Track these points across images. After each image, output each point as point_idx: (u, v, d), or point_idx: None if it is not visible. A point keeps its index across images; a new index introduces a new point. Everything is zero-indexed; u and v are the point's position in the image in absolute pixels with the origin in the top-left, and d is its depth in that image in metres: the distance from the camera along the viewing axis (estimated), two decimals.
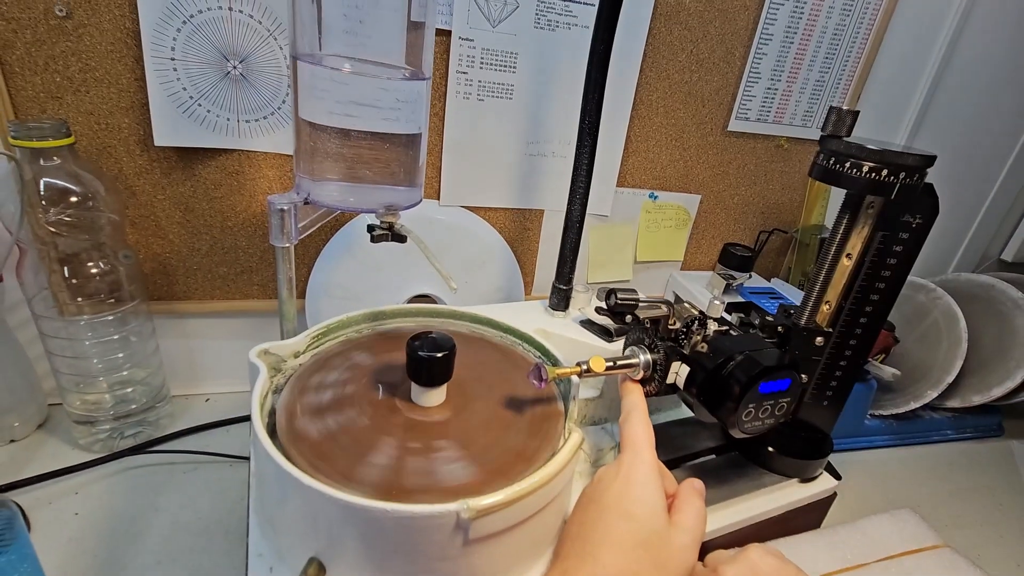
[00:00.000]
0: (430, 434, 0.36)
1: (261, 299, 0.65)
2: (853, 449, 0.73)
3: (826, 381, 0.48)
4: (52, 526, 0.49)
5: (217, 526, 0.51)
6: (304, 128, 0.42)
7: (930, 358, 0.76)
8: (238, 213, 0.60)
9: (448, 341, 0.36)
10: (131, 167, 0.55)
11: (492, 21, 0.59)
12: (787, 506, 0.47)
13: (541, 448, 0.36)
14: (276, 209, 0.40)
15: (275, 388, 0.39)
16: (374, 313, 0.47)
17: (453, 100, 0.62)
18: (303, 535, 0.32)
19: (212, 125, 0.54)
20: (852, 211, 0.42)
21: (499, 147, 0.66)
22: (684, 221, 0.78)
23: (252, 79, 0.54)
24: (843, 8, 0.70)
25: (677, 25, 0.66)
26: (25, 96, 0.50)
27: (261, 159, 0.58)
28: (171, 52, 0.51)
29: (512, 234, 0.71)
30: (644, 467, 0.33)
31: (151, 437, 0.60)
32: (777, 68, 0.72)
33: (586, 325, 0.53)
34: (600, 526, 0.31)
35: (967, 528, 0.63)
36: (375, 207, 0.44)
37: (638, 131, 0.70)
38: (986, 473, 0.73)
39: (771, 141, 0.77)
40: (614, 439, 0.50)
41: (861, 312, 0.45)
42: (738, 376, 0.38)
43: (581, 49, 0.63)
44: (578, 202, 0.50)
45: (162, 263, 0.60)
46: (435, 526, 0.29)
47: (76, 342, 0.53)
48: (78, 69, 0.50)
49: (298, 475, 0.29)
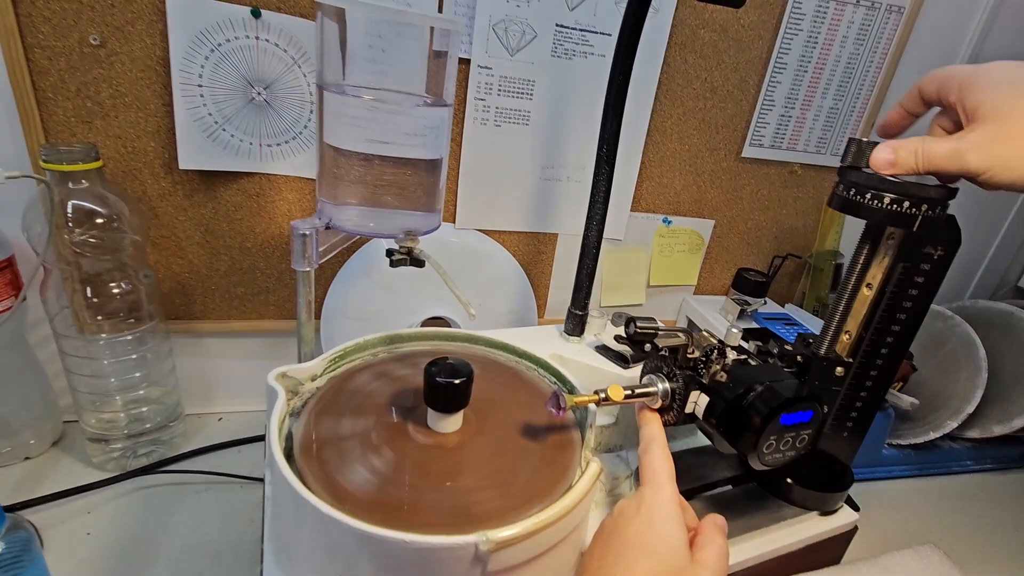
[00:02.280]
0: (447, 462, 0.35)
1: (277, 319, 0.65)
2: (870, 479, 0.71)
3: (846, 411, 0.47)
4: (64, 546, 0.49)
5: (228, 549, 0.51)
6: (328, 153, 0.43)
7: (949, 387, 0.74)
8: (257, 235, 0.61)
9: (466, 367, 0.36)
10: (155, 189, 0.56)
11: (510, 50, 0.60)
12: (807, 540, 0.46)
13: (559, 478, 0.35)
14: (299, 234, 0.41)
15: (292, 411, 0.39)
16: (390, 336, 0.47)
17: (471, 126, 0.63)
18: (319, 564, 0.31)
19: (235, 149, 0.56)
20: (872, 241, 0.42)
21: (515, 172, 0.66)
22: (698, 246, 0.79)
23: (275, 105, 0.55)
24: (857, 38, 0.71)
25: (692, 54, 0.67)
26: (56, 120, 0.51)
27: (281, 182, 0.59)
28: (199, 79, 0.52)
29: (526, 257, 0.72)
30: (666, 501, 0.33)
31: (164, 456, 0.60)
32: (791, 96, 0.72)
33: (602, 351, 0.52)
34: (622, 562, 0.30)
35: (990, 564, 0.61)
36: (395, 232, 0.44)
37: (652, 156, 0.71)
38: (1009, 507, 0.71)
39: (785, 167, 0.77)
40: (629, 467, 0.50)
41: (882, 342, 0.44)
42: (759, 407, 0.37)
43: (597, 77, 0.64)
44: (595, 228, 0.51)
45: (181, 283, 0.61)
46: (454, 558, 0.29)
47: (94, 361, 0.54)
48: (108, 95, 0.52)
49: (316, 503, 0.29)
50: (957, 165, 0.34)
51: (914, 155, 0.35)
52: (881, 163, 0.37)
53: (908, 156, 0.36)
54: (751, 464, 0.39)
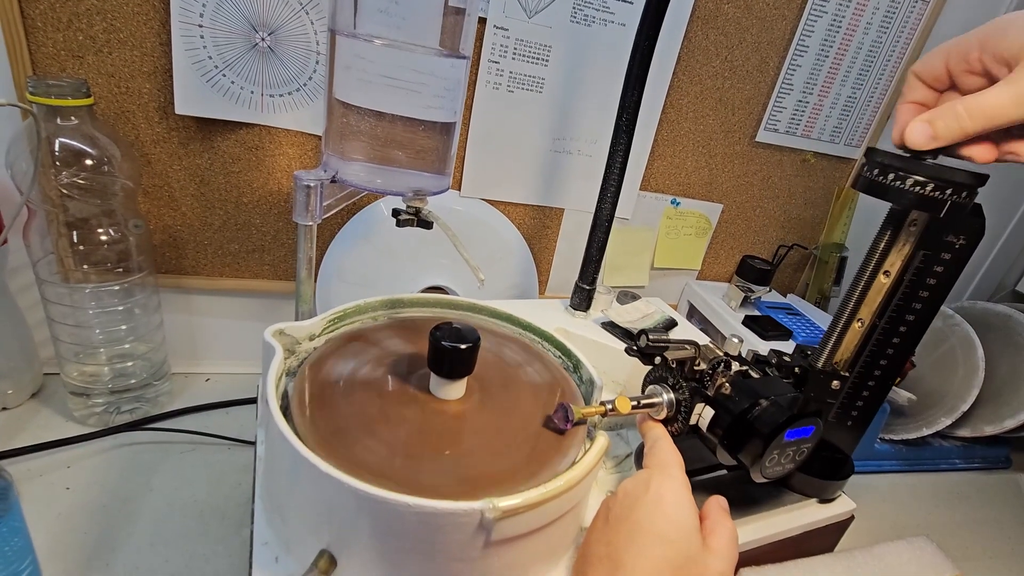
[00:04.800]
0: (450, 428, 0.34)
1: (271, 279, 0.63)
2: (862, 472, 0.71)
3: (852, 401, 0.46)
4: (41, 500, 0.47)
5: (213, 511, 0.49)
6: (337, 106, 0.41)
7: (945, 385, 0.75)
8: (255, 189, 0.58)
9: (472, 333, 0.35)
10: (149, 134, 0.53)
11: (528, 12, 0.58)
12: (806, 526, 0.45)
13: (564, 451, 0.34)
14: (302, 185, 0.38)
15: (288, 371, 0.38)
16: (392, 300, 0.45)
17: (483, 90, 0.60)
18: (314, 526, 0.30)
19: (236, 97, 0.53)
20: (895, 227, 0.41)
21: (525, 141, 0.64)
22: (704, 230, 0.77)
23: (280, 53, 0.53)
24: (881, 25, 0.69)
25: (714, 30, 0.65)
26: (45, 53, 0.48)
27: (283, 136, 0.57)
28: (199, 19, 0.49)
29: (530, 231, 0.70)
30: (676, 485, 0.32)
31: (148, 414, 0.58)
32: (810, 81, 0.71)
33: (608, 327, 0.51)
34: (633, 549, 0.29)
35: (976, 560, 0.62)
36: (403, 191, 0.42)
37: (666, 135, 0.69)
38: (994, 505, 0.72)
39: (798, 155, 0.76)
40: (630, 446, 0.49)
41: (895, 332, 0.44)
42: (765, 423, 0.37)
43: (616, 47, 0.62)
44: (608, 201, 0.49)
45: (173, 235, 0.58)
46: (457, 524, 0.27)
47: (79, 310, 0.52)
48: (102, 29, 0.48)
49: (315, 460, 0.28)
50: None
51: (957, 119, 0.31)
52: (921, 138, 0.33)
53: (951, 122, 0.32)
54: (752, 477, 0.38)
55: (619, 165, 0.48)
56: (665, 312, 0.59)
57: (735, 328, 0.70)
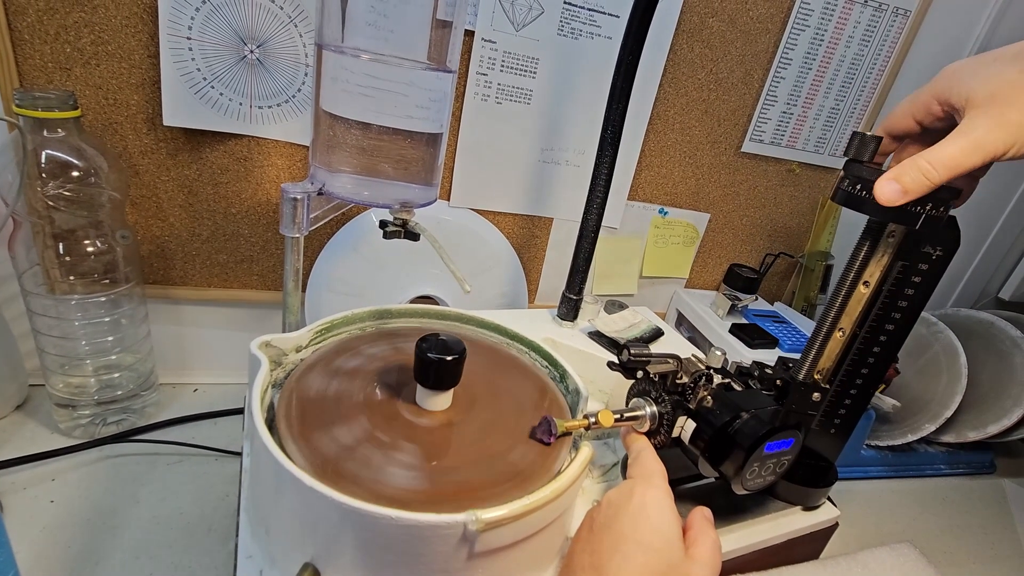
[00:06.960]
0: (435, 440, 0.34)
1: (259, 289, 0.63)
2: (847, 479, 0.72)
3: (835, 409, 0.47)
4: (26, 513, 0.47)
5: (200, 523, 0.49)
6: (324, 118, 0.41)
7: (929, 391, 0.76)
8: (243, 200, 0.58)
9: (458, 344, 0.35)
10: (137, 145, 0.53)
11: (516, 25, 0.59)
12: (790, 534, 0.46)
13: (549, 462, 0.35)
14: (289, 198, 0.39)
15: (275, 382, 0.38)
16: (380, 311, 0.46)
17: (471, 101, 0.61)
18: (299, 539, 0.30)
19: (224, 108, 0.53)
20: (873, 238, 0.42)
21: (513, 152, 0.65)
22: (692, 238, 0.78)
23: (268, 65, 0.53)
24: (863, 38, 0.71)
25: (699, 43, 0.66)
26: (32, 65, 0.48)
27: (271, 147, 0.57)
28: (188, 31, 0.50)
29: (519, 240, 0.70)
30: (659, 494, 0.32)
31: (135, 425, 0.58)
32: (794, 92, 0.72)
33: (595, 337, 0.52)
34: (617, 557, 0.29)
35: (960, 566, 0.63)
36: (390, 202, 0.43)
37: (653, 145, 0.70)
38: (978, 511, 0.73)
39: (783, 165, 0.77)
40: (617, 455, 0.49)
41: (875, 341, 0.44)
42: (745, 436, 0.37)
43: (603, 60, 0.63)
44: (595, 212, 0.50)
45: (160, 246, 0.58)
46: (441, 537, 0.28)
47: (65, 322, 0.51)
48: (90, 41, 0.49)
49: (299, 474, 0.28)
50: (981, 155, 0.32)
51: (922, 173, 0.33)
52: (891, 195, 0.34)
53: (917, 176, 0.33)
54: (733, 489, 0.39)
55: (604, 177, 0.49)
56: (651, 321, 0.59)
57: (722, 336, 0.71)
